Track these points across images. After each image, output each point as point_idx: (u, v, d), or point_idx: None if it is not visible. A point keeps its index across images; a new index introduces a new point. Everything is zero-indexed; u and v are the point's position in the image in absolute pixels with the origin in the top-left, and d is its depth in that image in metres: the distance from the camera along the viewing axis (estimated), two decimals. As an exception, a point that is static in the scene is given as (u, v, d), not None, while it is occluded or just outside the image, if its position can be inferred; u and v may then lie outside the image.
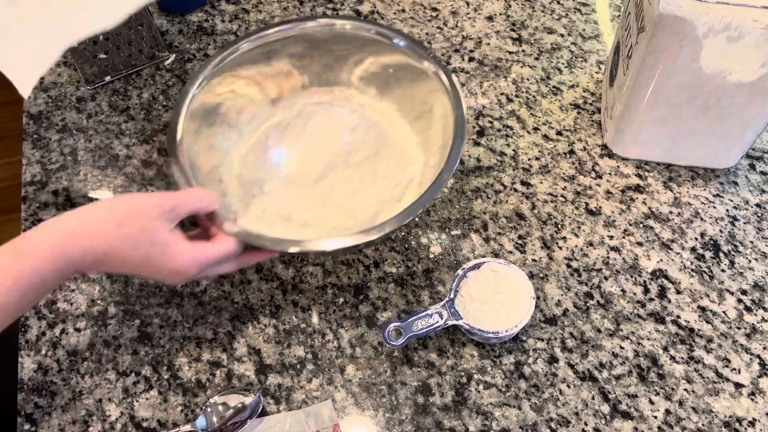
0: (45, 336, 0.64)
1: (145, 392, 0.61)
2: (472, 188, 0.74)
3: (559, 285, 0.67)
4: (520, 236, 0.71)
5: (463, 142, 0.62)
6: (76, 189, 0.74)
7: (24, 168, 0.75)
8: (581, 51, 0.87)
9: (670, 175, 0.75)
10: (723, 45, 0.61)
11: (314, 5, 0.91)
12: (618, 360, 0.63)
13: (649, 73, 0.66)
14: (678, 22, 0.60)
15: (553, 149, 0.77)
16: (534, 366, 0.62)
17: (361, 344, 0.64)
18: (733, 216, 0.72)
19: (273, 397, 0.61)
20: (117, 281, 0.67)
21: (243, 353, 0.63)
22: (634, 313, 0.66)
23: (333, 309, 0.66)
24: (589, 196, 0.74)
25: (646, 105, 0.69)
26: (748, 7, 0.58)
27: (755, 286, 0.67)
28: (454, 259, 0.69)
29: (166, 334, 0.64)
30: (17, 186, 0.93)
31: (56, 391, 0.61)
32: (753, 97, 0.65)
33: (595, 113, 0.81)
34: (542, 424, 0.59)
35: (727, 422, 0.60)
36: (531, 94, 0.82)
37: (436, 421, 0.59)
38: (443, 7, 0.92)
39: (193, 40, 0.87)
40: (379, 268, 0.68)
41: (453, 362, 0.62)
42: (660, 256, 0.69)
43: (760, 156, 0.77)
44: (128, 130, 0.78)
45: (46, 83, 0.82)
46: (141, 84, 0.82)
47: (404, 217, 0.58)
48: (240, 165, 0.70)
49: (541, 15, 0.91)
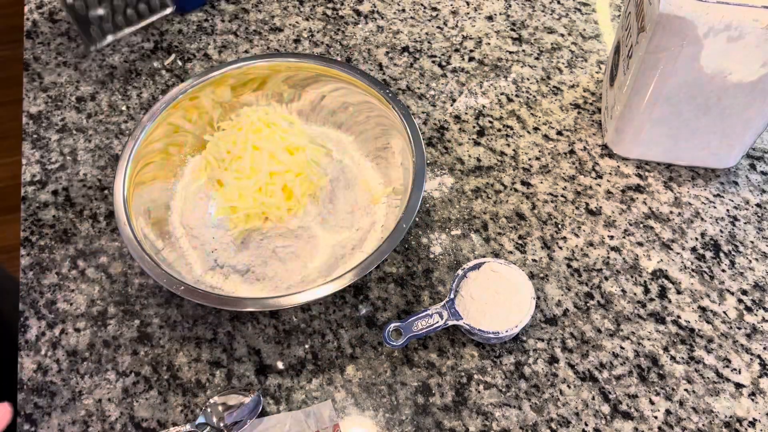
0: (45, 336, 0.64)
1: (145, 392, 0.61)
2: (472, 188, 0.74)
3: (560, 285, 0.67)
4: (520, 236, 0.71)
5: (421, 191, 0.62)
6: (76, 189, 0.74)
7: (24, 168, 0.75)
8: (581, 51, 0.87)
9: (671, 175, 0.75)
10: (723, 45, 0.61)
11: (314, 5, 0.91)
12: (618, 360, 0.63)
13: (649, 73, 0.66)
14: (678, 22, 0.60)
15: (553, 149, 0.77)
16: (534, 366, 0.62)
17: (361, 344, 0.64)
18: (733, 216, 0.72)
19: (273, 397, 0.61)
20: (117, 281, 0.67)
21: (243, 353, 0.63)
22: (634, 314, 0.66)
23: (333, 309, 0.66)
24: (590, 196, 0.74)
25: (647, 105, 0.69)
26: (749, 7, 0.58)
27: (756, 286, 0.67)
28: (454, 259, 0.69)
29: (165, 334, 0.64)
30: (17, 186, 0.93)
31: (56, 392, 0.61)
32: (753, 97, 0.65)
33: (596, 113, 0.81)
34: (542, 425, 0.59)
35: (728, 422, 0.60)
36: (531, 94, 0.82)
37: (436, 422, 0.59)
38: (443, 6, 0.92)
39: (193, 40, 0.87)
40: (379, 268, 0.68)
41: (453, 362, 0.62)
42: (660, 256, 0.69)
43: (761, 156, 0.77)
44: (128, 130, 0.78)
45: (46, 83, 0.82)
46: (141, 84, 0.82)
47: (364, 269, 0.58)
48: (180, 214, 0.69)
49: (541, 15, 0.91)
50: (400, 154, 0.68)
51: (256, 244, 0.64)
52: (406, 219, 0.60)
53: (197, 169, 0.70)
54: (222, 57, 0.85)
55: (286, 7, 0.91)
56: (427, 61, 0.85)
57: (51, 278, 0.67)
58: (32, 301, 0.66)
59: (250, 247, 0.64)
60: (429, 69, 0.85)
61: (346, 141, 0.74)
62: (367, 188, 0.70)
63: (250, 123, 0.66)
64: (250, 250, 0.64)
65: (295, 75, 0.73)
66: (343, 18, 0.90)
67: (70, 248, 0.69)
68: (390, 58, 0.86)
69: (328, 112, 0.75)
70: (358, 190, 0.70)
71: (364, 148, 0.73)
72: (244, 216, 0.63)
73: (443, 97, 0.82)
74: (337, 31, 0.88)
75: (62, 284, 0.67)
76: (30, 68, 0.84)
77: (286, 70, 0.72)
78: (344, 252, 0.65)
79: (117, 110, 0.80)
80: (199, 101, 0.71)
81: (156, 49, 0.86)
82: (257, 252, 0.64)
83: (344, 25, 0.89)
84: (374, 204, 0.69)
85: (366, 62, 0.85)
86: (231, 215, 0.64)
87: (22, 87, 0.82)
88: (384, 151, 0.71)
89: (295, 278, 0.64)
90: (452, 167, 0.76)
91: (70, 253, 0.69)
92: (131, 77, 0.83)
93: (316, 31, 0.88)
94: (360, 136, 0.73)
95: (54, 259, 0.68)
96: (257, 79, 0.73)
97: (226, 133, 0.67)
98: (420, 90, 0.83)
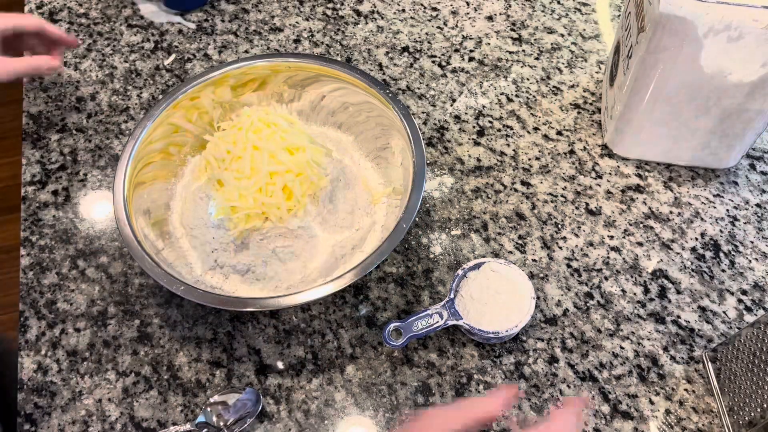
0: (45, 336, 0.64)
1: (145, 392, 0.61)
2: (472, 188, 0.74)
3: (560, 285, 0.67)
4: (520, 236, 0.71)
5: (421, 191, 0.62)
6: (76, 189, 0.74)
7: (24, 168, 0.75)
8: (581, 51, 0.87)
9: (671, 175, 0.75)
10: (723, 45, 0.61)
11: (314, 5, 0.91)
12: (618, 360, 0.63)
13: (649, 73, 0.66)
14: (678, 22, 0.60)
15: (553, 149, 0.77)
16: (534, 366, 0.62)
17: (361, 344, 0.64)
18: (733, 216, 0.72)
19: (273, 397, 0.61)
20: (117, 281, 0.67)
21: (243, 353, 0.63)
22: (634, 313, 0.66)
23: (333, 309, 0.66)
24: (590, 196, 0.74)
25: (646, 105, 0.69)
26: (748, 7, 0.58)
27: (755, 286, 0.67)
28: (454, 259, 0.69)
29: (166, 334, 0.64)
30: (17, 186, 0.93)
31: (56, 391, 0.61)
32: (753, 97, 0.65)
33: (595, 113, 0.81)
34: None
35: (728, 422, 0.60)
36: (531, 94, 0.82)
37: (436, 421, 0.59)
38: (443, 6, 0.92)
39: (193, 40, 0.87)
40: (379, 268, 0.68)
41: (453, 362, 0.62)
42: (660, 256, 0.69)
43: (760, 156, 0.77)
44: (128, 130, 0.78)
45: (46, 83, 0.82)
46: (141, 84, 0.82)
47: (363, 270, 0.58)
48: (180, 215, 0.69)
49: (541, 15, 0.91)
50: (400, 154, 0.68)
51: (256, 244, 0.64)
52: (406, 219, 0.60)
53: (197, 169, 0.70)
54: (222, 57, 0.85)
55: (286, 7, 0.91)
56: (427, 61, 0.85)
57: (51, 278, 0.67)
58: (32, 301, 0.66)
59: (250, 247, 0.64)
60: (429, 69, 0.85)
61: (346, 141, 0.74)
62: (367, 188, 0.70)
63: (250, 123, 0.66)
64: (250, 250, 0.64)
65: (295, 75, 0.73)
66: (343, 18, 0.90)
67: (70, 248, 0.69)
68: (390, 58, 0.86)
69: (328, 112, 0.75)
70: (358, 190, 0.69)
71: (364, 148, 0.73)
72: (244, 216, 0.63)
73: (443, 97, 0.82)
74: (337, 31, 0.88)
75: (62, 284, 0.67)
76: (30, 68, 0.84)
77: (286, 70, 0.72)
78: (344, 252, 0.65)
79: (117, 110, 0.80)
80: (199, 101, 0.71)
81: (156, 49, 0.86)
82: (257, 252, 0.64)
83: (344, 25, 0.89)
84: (374, 204, 0.69)
85: (366, 62, 0.85)
86: (231, 215, 0.64)
87: (22, 87, 0.82)
88: (384, 151, 0.71)
89: (295, 278, 0.64)
90: (452, 167, 0.76)
91: (70, 253, 0.69)
92: (131, 77, 0.83)
93: (316, 31, 0.88)
94: (360, 136, 0.73)
95: (54, 259, 0.68)
96: (257, 79, 0.73)
97: (226, 133, 0.67)
98: (420, 90, 0.83)
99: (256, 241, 0.64)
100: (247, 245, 0.64)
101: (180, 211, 0.69)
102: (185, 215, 0.68)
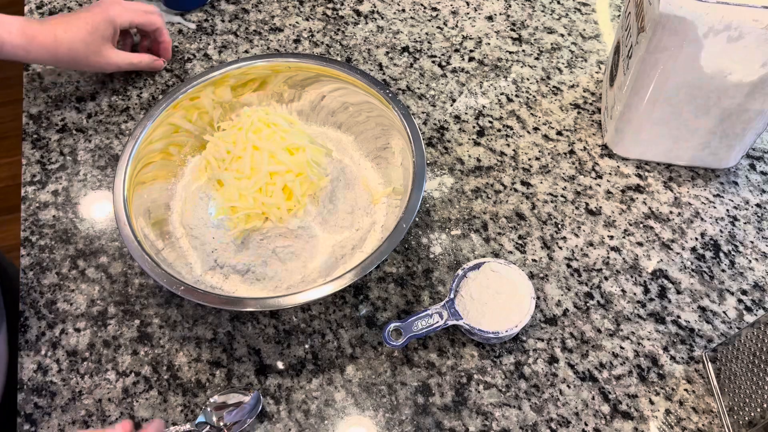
0: (45, 336, 0.64)
1: (145, 392, 0.61)
2: (472, 188, 0.74)
3: (560, 285, 0.67)
4: (520, 236, 0.71)
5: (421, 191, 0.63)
6: (76, 189, 0.74)
7: (24, 168, 0.75)
8: (581, 51, 0.87)
9: (670, 175, 0.75)
10: (723, 45, 0.61)
11: (314, 5, 0.91)
12: (618, 360, 0.63)
13: (649, 73, 0.66)
14: (678, 22, 0.60)
15: (553, 149, 0.77)
16: (534, 366, 0.62)
17: (361, 344, 0.64)
18: (733, 216, 0.72)
19: (273, 397, 0.61)
20: (117, 281, 0.67)
21: (243, 353, 0.63)
22: (634, 313, 0.66)
23: (333, 309, 0.66)
24: (589, 196, 0.74)
25: (646, 105, 0.69)
26: (749, 7, 0.58)
27: (755, 286, 0.67)
28: (454, 259, 0.69)
29: (165, 334, 0.64)
30: (17, 186, 0.93)
31: (56, 392, 0.61)
32: (753, 97, 0.65)
33: (595, 113, 0.81)
34: (542, 425, 0.59)
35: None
36: (531, 94, 0.82)
37: (436, 422, 0.59)
38: (443, 6, 0.92)
39: (193, 40, 0.87)
40: (379, 268, 0.68)
41: (453, 362, 0.62)
42: (660, 256, 0.69)
43: (760, 156, 0.77)
44: (128, 130, 0.78)
45: (46, 83, 0.83)
46: (141, 84, 0.82)
47: (363, 270, 0.58)
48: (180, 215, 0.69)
49: (541, 15, 0.91)
50: (400, 154, 0.68)
51: (256, 244, 0.64)
52: (406, 219, 0.60)
53: (197, 169, 0.70)
54: (222, 57, 0.85)
55: (286, 7, 0.91)
56: (427, 61, 0.85)
57: (51, 278, 0.67)
58: (32, 301, 0.66)
59: (250, 247, 0.64)
60: (429, 69, 0.85)
61: (346, 141, 0.74)
62: (367, 188, 0.70)
63: (250, 123, 0.66)
64: (250, 250, 0.64)
65: (295, 75, 0.73)
66: (343, 18, 0.90)
67: (70, 248, 0.69)
68: (390, 58, 0.86)
69: (328, 112, 0.75)
70: (358, 190, 0.69)
71: (364, 148, 0.73)
72: (244, 216, 0.63)
73: (443, 97, 0.82)
74: (337, 31, 0.88)
75: (62, 284, 0.67)
76: (30, 68, 0.84)
77: (286, 70, 0.72)
78: (344, 252, 0.65)
79: (117, 110, 0.80)
80: (199, 101, 0.71)
81: (156, 49, 0.86)
82: (257, 252, 0.64)
83: (344, 25, 0.89)
84: (374, 204, 0.69)
85: (366, 62, 0.85)
86: (231, 215, 0.64)
87: (22, 87, 0.82)
88: (384, 151, 0.71)
89: (295, 278, 0.64)
90: (452, 167, 0.76)
91: (70, 253, 0.69)
92: (131, 77, 0.83)
93: (316, 31, 0.88)
94: (360, 136, 0.73)
95: (54, 259, 0.68)
96: (257, 79, 0.73)
97: (226, 133, 0.67)
98: (420, 90, 0.83)
99: (256, 241, 0.64)
100: (247, 245, 0.64)
101: (180, 211, 0.69)
102: (185, 215, 0.68)
